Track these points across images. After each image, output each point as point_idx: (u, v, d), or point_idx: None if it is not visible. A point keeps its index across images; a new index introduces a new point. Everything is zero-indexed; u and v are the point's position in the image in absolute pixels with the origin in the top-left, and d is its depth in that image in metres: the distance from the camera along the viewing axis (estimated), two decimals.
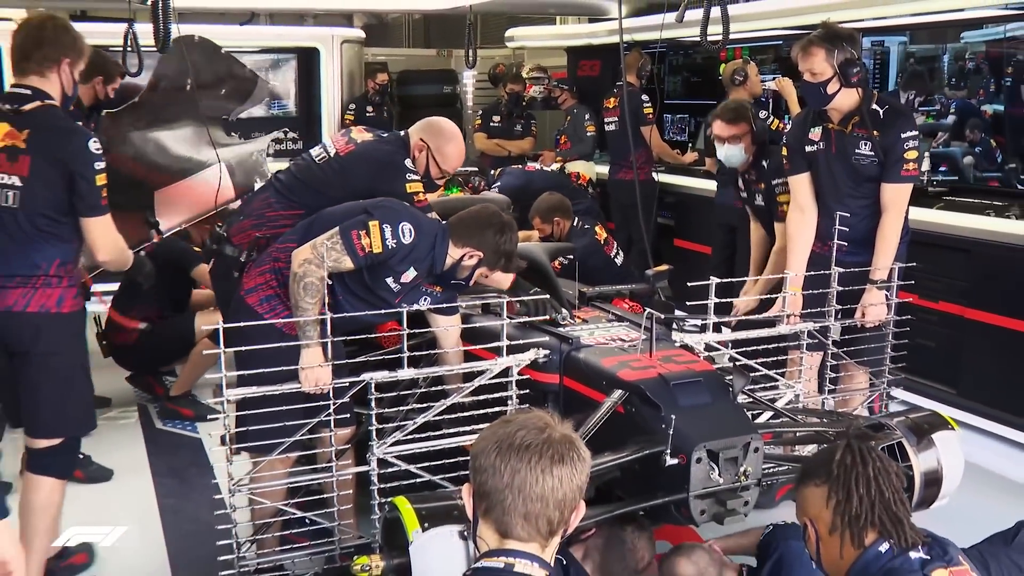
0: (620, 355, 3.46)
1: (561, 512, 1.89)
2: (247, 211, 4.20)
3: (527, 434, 1.88)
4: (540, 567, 1.89)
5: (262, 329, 3.32)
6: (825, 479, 2.26)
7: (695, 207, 7.38)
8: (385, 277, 3.44)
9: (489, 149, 8.74)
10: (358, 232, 3.32)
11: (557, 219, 5.83)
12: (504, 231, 3.53)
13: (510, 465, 1.86)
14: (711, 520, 3.09)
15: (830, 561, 2.28)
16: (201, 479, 4.65)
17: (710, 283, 3.69)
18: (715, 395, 3.23)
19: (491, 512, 1.90)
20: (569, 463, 1.88)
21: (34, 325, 3.36)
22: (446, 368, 3.47)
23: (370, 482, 3.29)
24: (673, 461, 3.01)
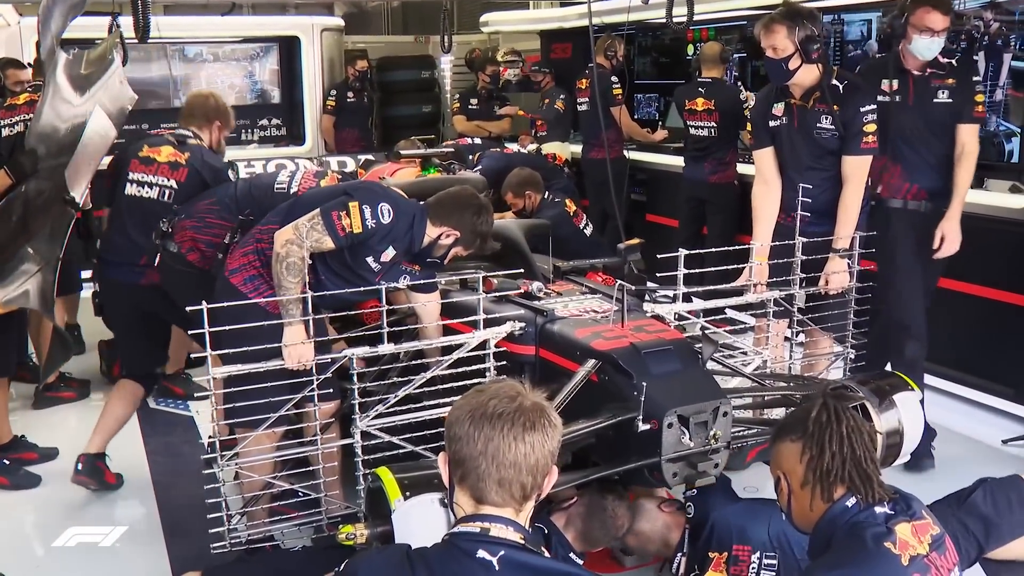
0: (593, 326, 3.45)
1: (534, 477, 1.88)
2: (190, 211, 4.18)
3: (499, 403, 1.87)
4: (515, 531, 1.88)
5: (246, 308, 3.30)
6: (800, 435, 2.25)
7: (665, 183, 7.37)
8: (365, 256, 3.43)
9: (469, 131, 8.68)
10: (338, 213, 3.30)
11: (528, 192, 5.81)
12: (481, 212, 3.54)
13: (483, 433, 1.85)
14: (682, 483, 3.10)
15: (800, 513, 2.28)
16: (193, 456, 4.62)
17: (678, 255, 3.68)
18: (685, 362, 3.22)
19: (466, 479, 1.89)
20: (540, 430, 1.87)
21: None
22: (425, 343, 3.45)
23: (355, 454, 3.29)
24: (645, 427, 3.01)
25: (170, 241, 4.20)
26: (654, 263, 4.59)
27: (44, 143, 4.29)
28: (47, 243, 4.18)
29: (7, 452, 4.47)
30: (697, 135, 6.58)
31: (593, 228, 6.08)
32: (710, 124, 6.48)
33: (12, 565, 3.71)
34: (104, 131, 4.40)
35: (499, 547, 1.84)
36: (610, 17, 7.40)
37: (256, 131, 9.37)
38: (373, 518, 2.81)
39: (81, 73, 4.46)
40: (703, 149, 6.57)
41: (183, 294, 4.20)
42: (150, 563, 3.69)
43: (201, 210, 4.18)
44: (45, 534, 3.70)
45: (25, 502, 4.04)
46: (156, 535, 3.96)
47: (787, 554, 3.07)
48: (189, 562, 3.51)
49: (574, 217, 5.94)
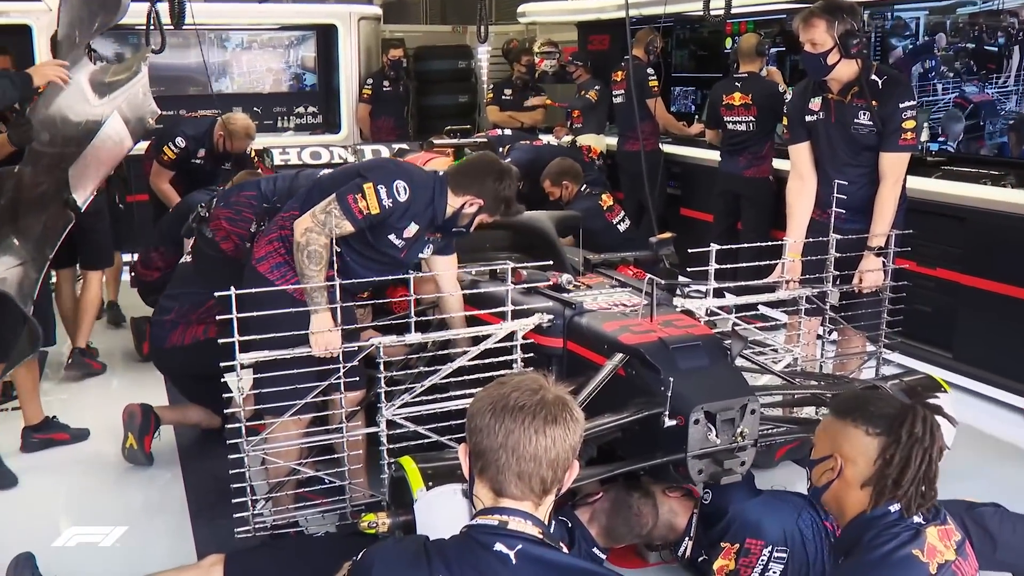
0: (622, 320, 3.43)
1: (554, 471, 1.86)
2: (228, 200, 4.19)
3: (521, 395, 1.85)
4: (533, 525, 1.86)
5: (274, 295, 3.30)
6: (882, 433, 2.14)
7: (701, 177, 7.30)
8: (388, 235, 3.42)
9: (502, 121, 8.67)
10: (354, 196, 3.29)
11: (566, 183, 5.81)
12: (503, 177, 3.52)
13: (504, 425, 1.83)
14: (708, 479, 3.06)
15: (836, 498, 2.20)
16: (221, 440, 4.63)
17: (710, 250, 3.64)
18: (713, 358, 3.19)
19: (486, 471, 1.87)
20: (562, 424, 1.85)
21: None
22: (452, 332, 3.44)
23: (379, 442, 3.29)
24: (672, 422, 2.98)
25: (205, 227, 4.23)
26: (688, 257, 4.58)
27: (48, 130, 4.28)
28: (35, 243, 4.15)
29: (39, 432, 4.52)
30: (734, 130, 6.51)
31: (630, 224, 6.04)
32: (748, 119, 6.41)
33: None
34: (119, 137, 4.39)
35: (517, 541, 1.82)
36: (648, 9, 7.35)
37: (292, 118, 9.41)
38: (396, 507, 2.81)
39: (104, 80, 4.46)
40: (740, 143, 6.50)
41: (214, 280, 4.23)
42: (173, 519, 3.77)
43: (240, 202, 4.20)
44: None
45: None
46: (179, 493, 4.05)
47: (797, 551, 3.04)
48: (213, 545, 3.52)
49: (608, 212, 5.93)
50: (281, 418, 3.25)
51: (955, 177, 5.29)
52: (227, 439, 4.41)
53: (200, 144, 6.04)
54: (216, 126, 6.06)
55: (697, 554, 3.27)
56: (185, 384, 4.59)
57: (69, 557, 3.59)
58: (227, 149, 6.05)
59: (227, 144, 6.02)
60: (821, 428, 2.28)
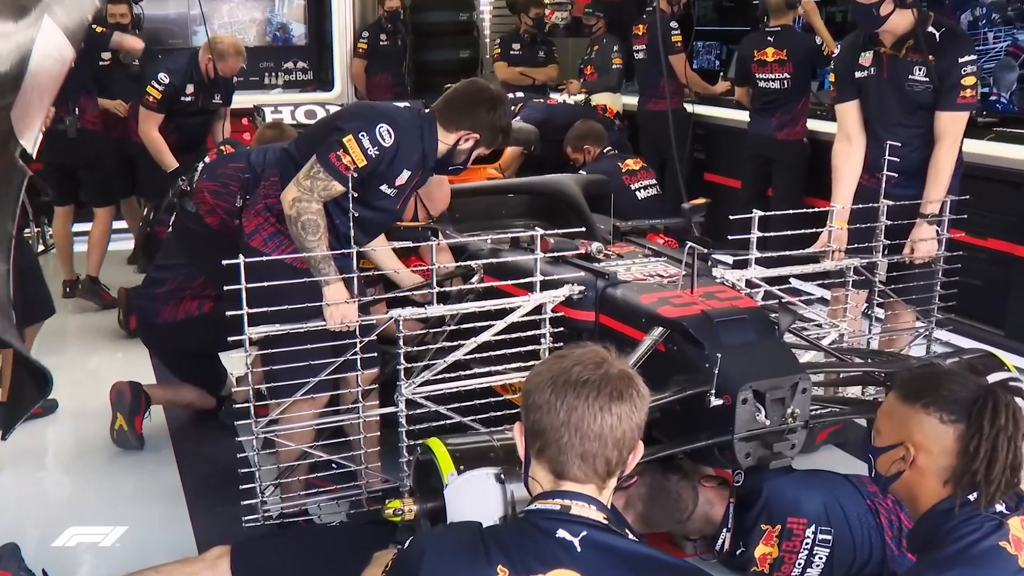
0: (659, 291, 3.42)
1: (619, 452, 1.86)
2: (213, 172, 4.16)
3: (583, 369, 1.85)
4: (597, 510, 1.86)
5: (274, 268, 3.27)
6: (960, 421, 2.08)
7: (727, 139, 7.29)
8: (378, 185, 3.40)
9: (512, 78, 8.60)
10: (336, 153, 3.26)
11: (587, 147, 5.80)
12: (497, 105, 3.51)
13: (566, 402, 1.83)
14: (756, 463, 3.06)
15: (907, 488, 2.16)
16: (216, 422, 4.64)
17: (752, 216, 3.63)
18: (761, 333, 3.18)
19: (545, 452, 1.86)
20: (628, 400, 1.85)
21: None
22: (477, 304, 3.43)
23: (398, 424, 3.29)
24: (717, 402, 2.97)
25: (188, 200, 4.19)
26: (713, 226, 4.56)
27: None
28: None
29: None
30: (766, 88, 6.48)
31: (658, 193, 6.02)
32: (782, 76, 6.38)
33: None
34: (58, 51, 4.25)
35: (581, 527, 1.82)
36: None
37: (280, 75, 9.35)
38: (422, 493, 2.81)
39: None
40: (771, 103, 6.48)
41: (200, 255, 4.20)
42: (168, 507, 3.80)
43: (227, 174, 4.14)
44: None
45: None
46: (173, 479, 4.07)
47: (839, 528, 3.05)
48: (214, 535, 3.52)
49: (625, 175, 5.90)
50: (293, 397, 3.24)
51: (1009, 139, 5.27)
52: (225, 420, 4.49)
53: (186, 78, 5.99)
54: (201, 51, 6.04)
55: (736, 546, 3.27)
56: (177, 363, 4.58)
57: (59, 548, 3.61)
58: (218, 74, 6.03)
59: (217, 68, 5.99)
60: (885, 412, 2.22)
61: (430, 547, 1.86)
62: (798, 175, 6.43)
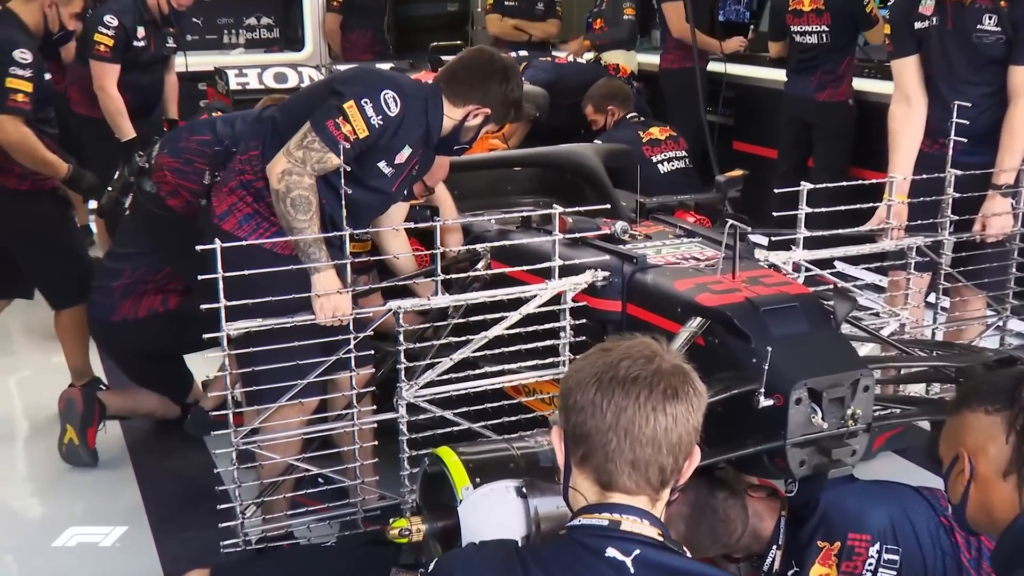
0: (696, 276, 3.43)
1: (675, 458, 1.86)
2: (174, 147, 4.14)
3: (632, 364, 1.85)
4: (651, 524, 1.87)
5: (250, 255, 3.25)
6: (1004, 407, 2.09)
7: (761, 102, 7.31)
8: (376, 162, 3.42)
9: (505, 33, 8.60)
10: (334, 121, 3.27)
11: (611, 108, 5.83)
12: (509, 77, 3.56)
13: (614, 402, 1.83)
14: (812, 472, 3.08)
15: (980, 507, 2.15)
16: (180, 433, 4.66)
17: (801, 188, 3.65)
18: (815, 323, 3.19)
19: (590, 459, 1.87)
20: (684, 399, 1.85)
21: None
22: (488, 294, 3.44)
23: (397, 432, 3.30)
24: (767, 402, 2.97)
25: (146, 180, 4.18)
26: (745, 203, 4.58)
27: None
28: None
29: None
30: (803, 43, 6.51)
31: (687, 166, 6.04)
32: (820, 28, 6.41)
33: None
34: None
35: (633, 544, 1.83)
36: None
37: (241, 32, 9.31)
38: (431, 510, 2.81)
39: None
40: (811, 60, 6.50)
41: (163, 242, 4.20)
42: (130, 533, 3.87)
43: (191, 149, 4.12)
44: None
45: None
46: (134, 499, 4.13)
47: (909, 547, 3.06)
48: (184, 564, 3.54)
49: (645, 145, 5.92)
50: (277, 403, 3.24)
51: None
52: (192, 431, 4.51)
53: (136, 19, 5.94)
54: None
55: (787, 566, 3.28)
56: (136, 366, 4.58)
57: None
58: (172, 7, 5.98)
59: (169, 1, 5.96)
60: (942, 437, 2.27)
61: (460, 568, 1.87)
62: (842, 142, 6.46)
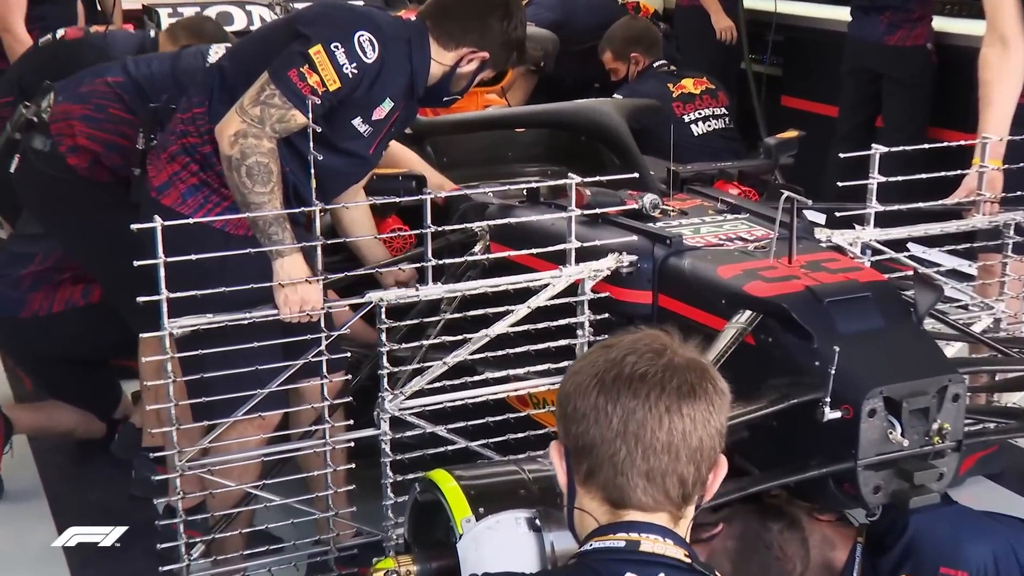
0: (744, 261, 3.45)
1: (697, 468, 1.88)
2: (79, 94, 4.11)
3: (639, 360, 1.88)
4: (676, 544, 1.89)
5: (197, 236, 3.27)
6: None
7: (818, 47, 7.35)
8: (350, 119, 3.45)
9: None
10: (298, 70, 3.28)
11: (636, 54, 5.83)
12: (511, 12, 3.62)
13: (620, 404, 1.86)
14: (889, 500, 3.09)
15: None
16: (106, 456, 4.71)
17: (870, 153, 3.67)
18: (892, 317, 3.22)
19: (596, 474, 1.90)
20: (703, 397, 1.88)
21: None
22: (488, 283, 3.45)
23: (378, 452, 3.33)
24: (834, 414, 2.99)
25: (37, 135, 4.14)
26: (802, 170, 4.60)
27: None
28: None
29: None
30: None
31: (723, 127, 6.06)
32: None
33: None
34: None
35: (657, 568, 1.86)
36: None
37: None
38: (423, 548, 2.84)
39: None
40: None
41: (56, 213, 4.20)
42: None
43: (99, 94, 4.10)
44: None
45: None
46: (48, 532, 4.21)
47: None
48: None
49: (676, 100, 5.94)
50: (231, 417, 3.26)
51: None
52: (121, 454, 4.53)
53: None
54: None
55: None
56: (51, 373, 4.60)
57: None
58: None
59: None
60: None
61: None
62: (919, 96, 6.48)
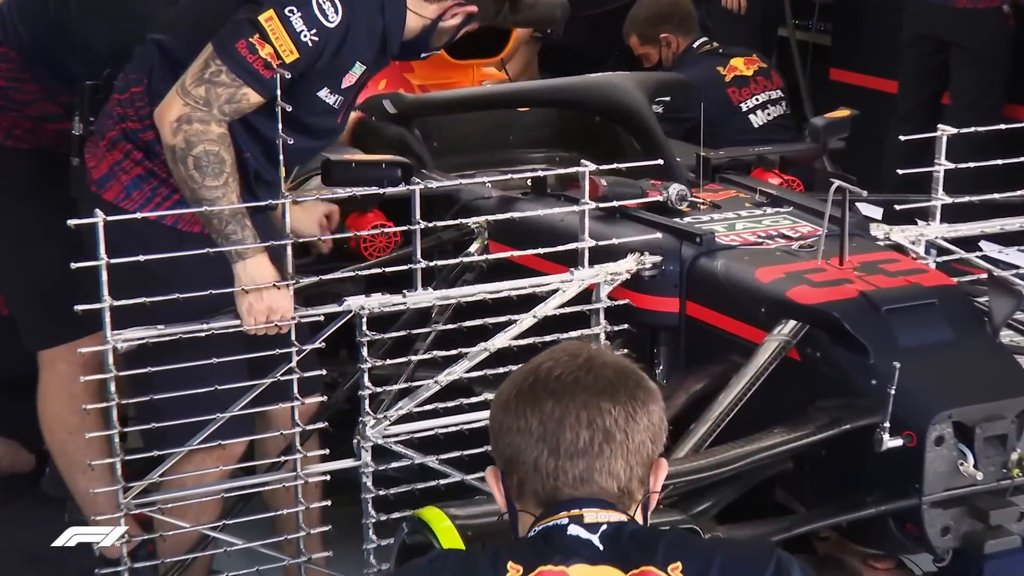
0: (787, 262, 3.47)
1: (628, 465, 2.00)
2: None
3: (556, 364, 2.03)
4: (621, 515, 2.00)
5: (143, 234, 3.30)
6: None
7: (871, 11, 7.38)
8: (315, 91, 3.47)
9: None
10: (247, 41, 3.27)
11: (666, 35, 5.84)
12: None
13: (538, 407, 1.99)
14: (960, 544, 3.09)
15: None
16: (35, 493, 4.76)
17: (939, 134, 3.66)
18: (962, 328, 3.23)
19: (526, 486, 2.03)
20: (625, 392, 2.01)
21: None
22: (487, 288, 3.45)
23: (359, 487, 3.33)
24: (894, 442, 2.98)
25: None
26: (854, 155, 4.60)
27: None
28: None
29: None
30: None
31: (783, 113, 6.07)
32: None
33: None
34: None
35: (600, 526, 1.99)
36: None
37: None
38: None
39: None
40: None
41: None
42: None
43: None
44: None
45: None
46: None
47: None
48: None
49: (730, 85, 6.00)
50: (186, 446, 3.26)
51: None
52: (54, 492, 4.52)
53: None
54: None
55: None
56: None
57: None
58: None
59: None
60: None
61: None
62: (994, 69, 6.48)
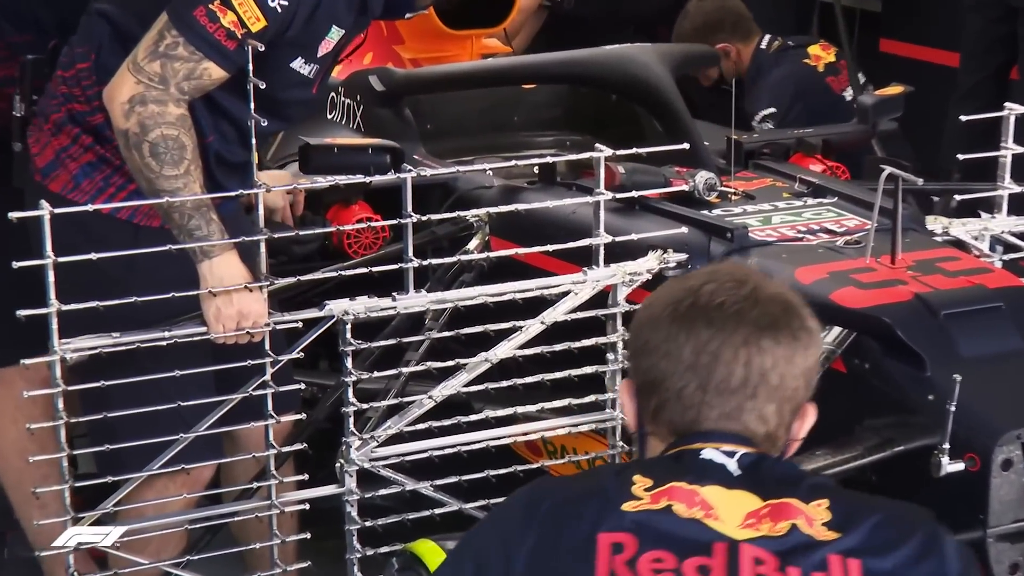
0: (832, 260, 3.48)
1: (779, 409, 2.07)
2: None
3: (719, 289, 2.08)
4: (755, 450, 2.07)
5: (95, 230, 3.31)
6: None
7: None
8: (288, 61, 3.49)
9: None
10: (207, 8, 3.27)
11: (726, 46, 5.88)
12: None
13: (694, 334, 2.05)
14: None
15: None
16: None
17: (1006, 113, 3.66)
18: None
19: (664, 411, 2.10)
20: (787, 332, 2.06)
21: None
22: (487, 291, 3.44)
23: (344, 518, 3.33)
24: (955, 466, 3.00)
25: None
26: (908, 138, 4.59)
27: None
28: None
29: None
30: None
31: None
32: None
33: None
34: None
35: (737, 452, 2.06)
36: None
37: None
38: None
39: None
40: None
41: None
42: None
43: None
44: None
45: None
46: None
47: None
48: None
49: (828, 76, 6.11)
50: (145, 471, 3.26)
51: None
52: None
53: None
54: None
55: None
56: None
57: None
58: None
59: None
60: None
61: None
62: None
